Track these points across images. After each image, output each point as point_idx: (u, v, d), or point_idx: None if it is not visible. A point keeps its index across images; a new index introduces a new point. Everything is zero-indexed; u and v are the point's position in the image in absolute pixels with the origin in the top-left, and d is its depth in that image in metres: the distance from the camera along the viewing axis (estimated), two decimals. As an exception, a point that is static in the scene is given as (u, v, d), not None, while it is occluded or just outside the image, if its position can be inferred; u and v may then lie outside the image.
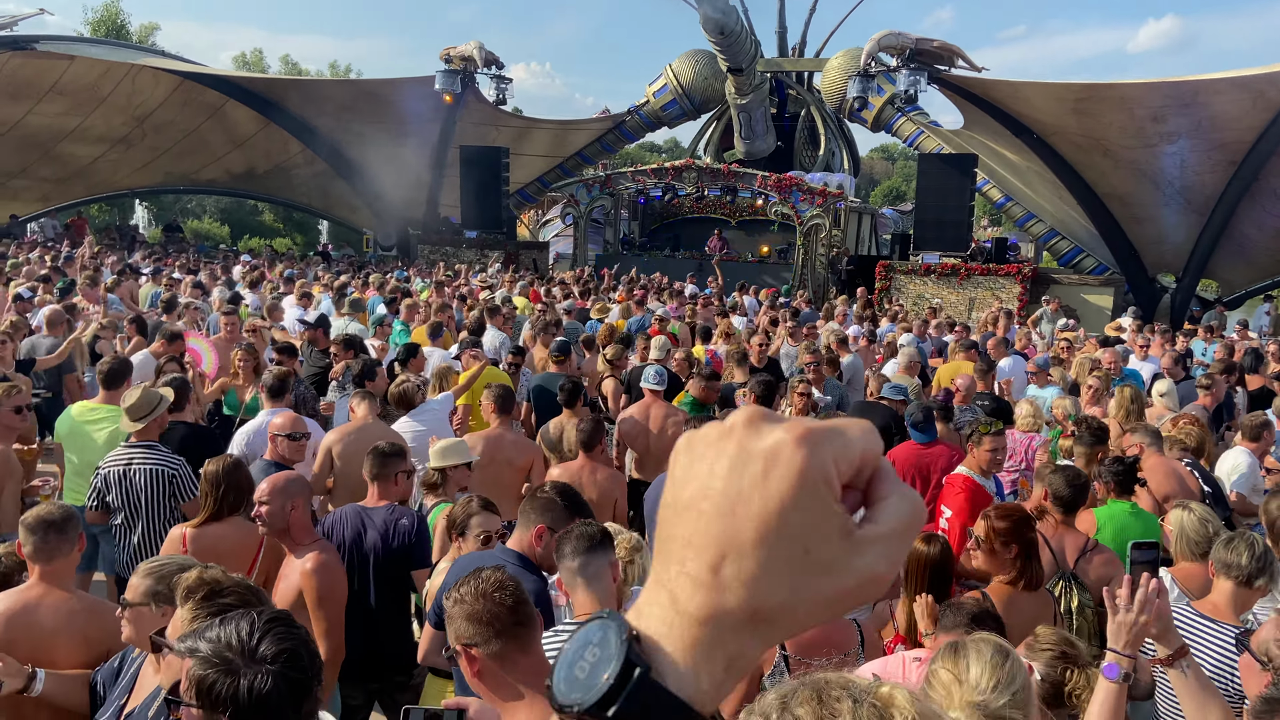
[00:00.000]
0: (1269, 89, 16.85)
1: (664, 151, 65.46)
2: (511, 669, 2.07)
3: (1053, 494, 4.34)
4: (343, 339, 7.97)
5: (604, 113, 30.00)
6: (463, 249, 25.09)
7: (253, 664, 1.74)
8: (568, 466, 5.46)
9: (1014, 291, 20.05)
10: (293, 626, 1.84)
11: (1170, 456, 5.71)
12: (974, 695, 2.00)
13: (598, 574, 2.91)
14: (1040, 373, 8.20)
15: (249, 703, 1.71)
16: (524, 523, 3.48)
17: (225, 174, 29.29)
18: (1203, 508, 4.06)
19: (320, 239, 39.71)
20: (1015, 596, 3.57)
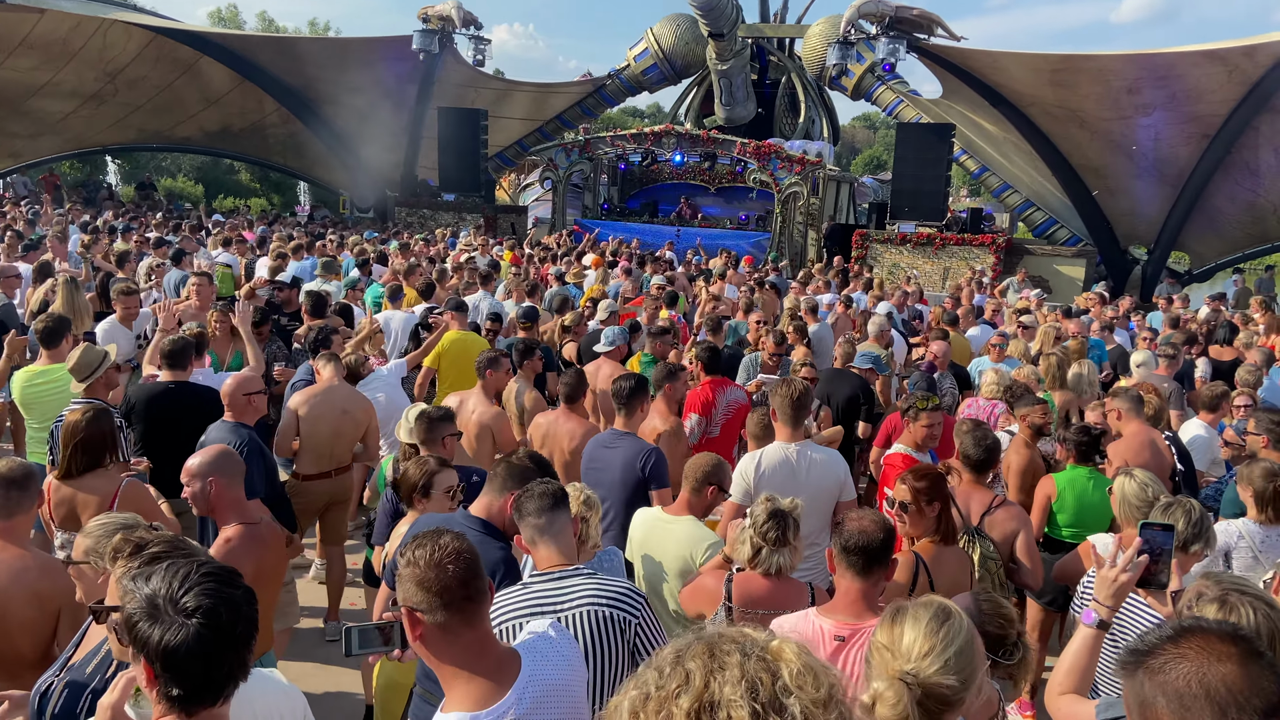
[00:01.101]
0: (1244, 62, 16.94)
1: (645, 116, 65.00)
2: (454, 641, 2.08)
3: (962, 454, 4.47)
4: (310, 300, 7.92)
5: (585, 76, 29.76)
6: (440, 212, 24.93)
7: (173, 615, 1.77)
8: (548, 416, 5.60)
9: (988, 262, 20.17)
10: (227, 584, 1.85)
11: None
12: (904, 665, 2.01)
13: (561, 530, 3.01)
14: (998, 349, 8.22)
15: (158, 653, 1.75)
16: (495, 488, 3.49)
17: (200, 132, 28.85)
18: (1145, 474, 4.18)
19: (299, 199, 39.30)
20: (941, 552, 3.70)
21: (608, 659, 2.83)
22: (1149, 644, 1.51)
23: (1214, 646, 1.45)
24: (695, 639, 1.32)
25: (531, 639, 2.29)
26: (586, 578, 2.91)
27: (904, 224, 20.98)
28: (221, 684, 1.82)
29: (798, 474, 4.71)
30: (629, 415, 5.03)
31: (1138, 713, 1.50)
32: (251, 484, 4.86)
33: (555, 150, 25.18)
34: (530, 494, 3.02)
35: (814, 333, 9.49)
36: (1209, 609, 2.34)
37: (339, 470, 5.88)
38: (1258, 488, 4.30)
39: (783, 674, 1.25)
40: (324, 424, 5.72)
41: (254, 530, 3.64)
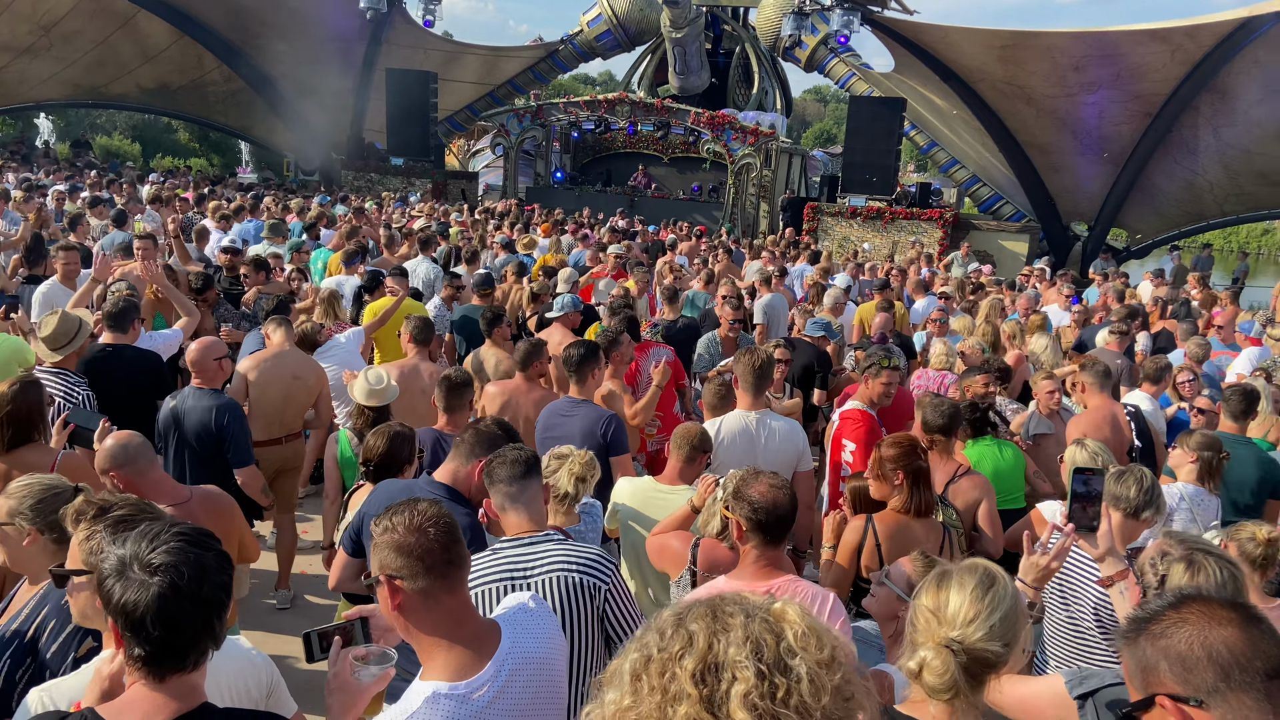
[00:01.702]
0: (1187, 42, 17.27)
1: (597, 84, 64.42)
2: (435, 608, 2.04)
3: (923, 423, 4.54)
4: (253, 260, 7.71)
5: (537, 41, 29.32)
6: (388, 176, 24.46)
7: (138, 573, 1.75)
8: (504, 385, 5.50)
9: (935, 236, 20.43)
10: (196, 544, 1.81)
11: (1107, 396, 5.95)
12: (950, 631, 2.02)
13: (532, 497, 2.98)
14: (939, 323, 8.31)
15: (119, 610, 1.74)
16: (461, 455, 3.46)
17: (137, 89, 27.84)
18: (1096, 444, 4.27)
19: (241, 160, 38.28)
20: (906, 523, 3.75)
21: (578, 626, 2.82)
22: (1150, 611, 1.55)
23: (1215, 612, 1.49)
24: (696, 602, 1.31)
25: (511, 610, 2.26)
26: (557, 544, 2.90)
27: (854, 197, 21.12)
28: (186, 648, 1.78)
29: (757, 442, 4.74)
30: (581, 382, 5.01)
31: (1139, 678, 1.53)
32: (241, 452, 4.80)
33: (507, 116, 24.85)
34: (503, 460, 2.98)
35: (767, 302, 9.56)
36: (1177, 568, 2.41)
37: (290, 437, 5.77)
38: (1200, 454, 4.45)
39: (787, 635, 1.25)
40: (274, 389, 5.60)
41: (184, 509, 3.46)
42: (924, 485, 3.79)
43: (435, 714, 1.97)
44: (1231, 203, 21.40)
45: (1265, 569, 3.39)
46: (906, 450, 3.79)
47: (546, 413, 5.07)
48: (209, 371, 4.83)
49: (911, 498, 3.76)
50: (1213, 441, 4.49)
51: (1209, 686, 1.43)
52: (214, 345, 4.93)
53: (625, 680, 1.27)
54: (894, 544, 3.65)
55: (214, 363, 4.84)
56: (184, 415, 4.76)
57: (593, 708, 1.30)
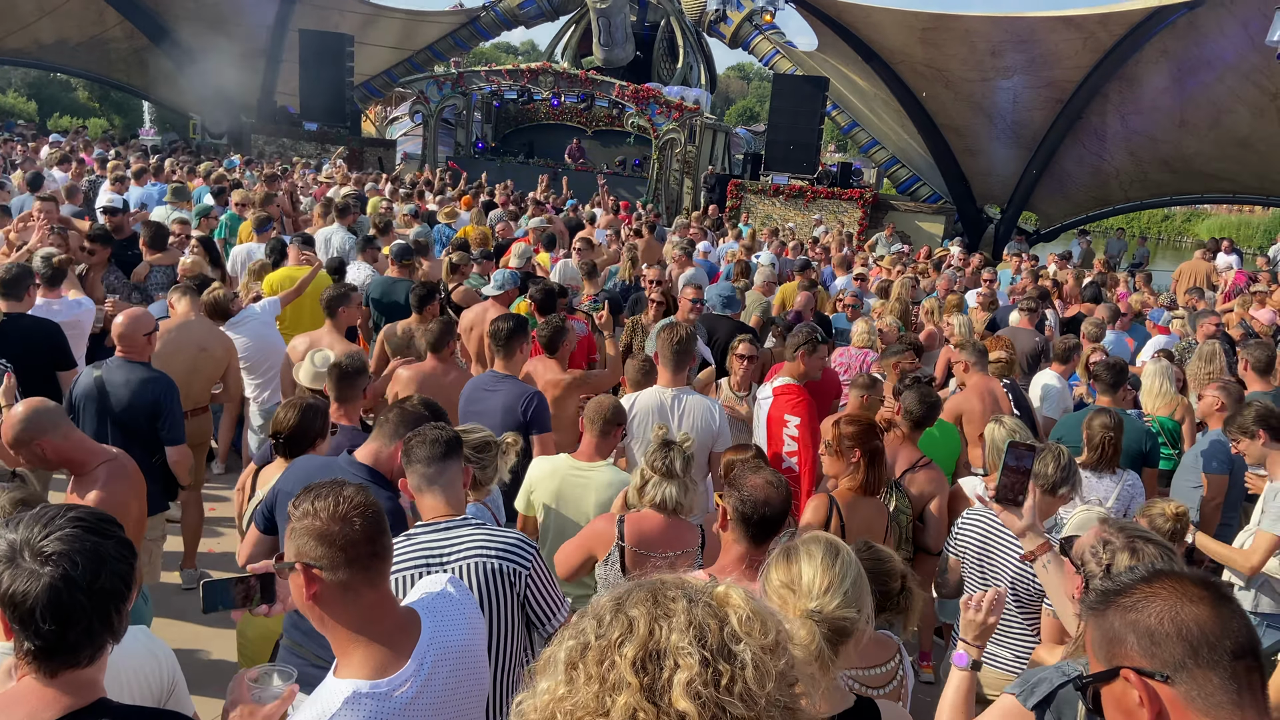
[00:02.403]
0: (1099, 30, 17.77)
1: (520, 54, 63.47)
2: (355, 601, 1.91)
3: (905, 410, 4.54)
4: (149, 230, 7.30)
5: (458, 7, 28.65)
6: (301, 141, 23.67)
7: (28, 561, 1.63)
8: (418, 367, 5.32)
9: (855, 216, 20.73)
10: (94, 532, 1.69)
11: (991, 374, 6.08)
12: (807, 602, 2.02)
13: (451, 480, 2.86)
14: (851, 309, 8.36)
15: (6, 601, 1.62)
16: (384, 435, 3.33)
17: (33, 43, 26.29)
18: (1014, 420, 4.36)
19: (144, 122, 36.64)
20: (856, 500, 3.76)
21: (498, 613, 2.73)
22: (1120, 584, 1.54)
23: (1187, 589, 1.48)
24: (635, 586, 1.25)
25: (430, 598, 2.15)
26: (475, 528, 2.80)
27: (777, 175, 21.27)
28: (79, 643, 1.65)
29: (669, 418, 4.70)
30: (508, 357, 4.90)
31: (1104, 649, 1.51)
32: (175, 429, 4.58)
33: (426, 83, 24.26)
34: (422, 439, 2.85)
35: (691, 276, 9.55)
36: (1122, 557, 2.43)
37: (196, 411, 5.52)
38: (1092, 432, 4.56)
39: (730, 620, 1.20)
40: (179, 361, 5.33)
41: (118, 462, 3.45)
42: (879, 465, 3.81)
43: (356, 714, 1.85)
44: (1136, 189, 22.21)
45: (1176, 542, 3.50)
46: (866, 429, 3.80)
47: (469, 387, 4.95)
48: (137, 346, 4.59)
49: (867, 476, 3.77)
50: (1104, 421, 4.58)
51: (1176, 662, 1.42)
52: (143, 318, 4.68)
53: (560, 669, 1.21)
54: (853, 522, 3.67)
55: (143, 338, 4.61)
56: (112, 388, 4.52)
57: (525, 697, 1.24)
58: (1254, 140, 18.57)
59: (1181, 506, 3.61)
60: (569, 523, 3.91)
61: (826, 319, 8.53)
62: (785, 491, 2.80)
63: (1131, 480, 4.65)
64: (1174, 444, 5.82)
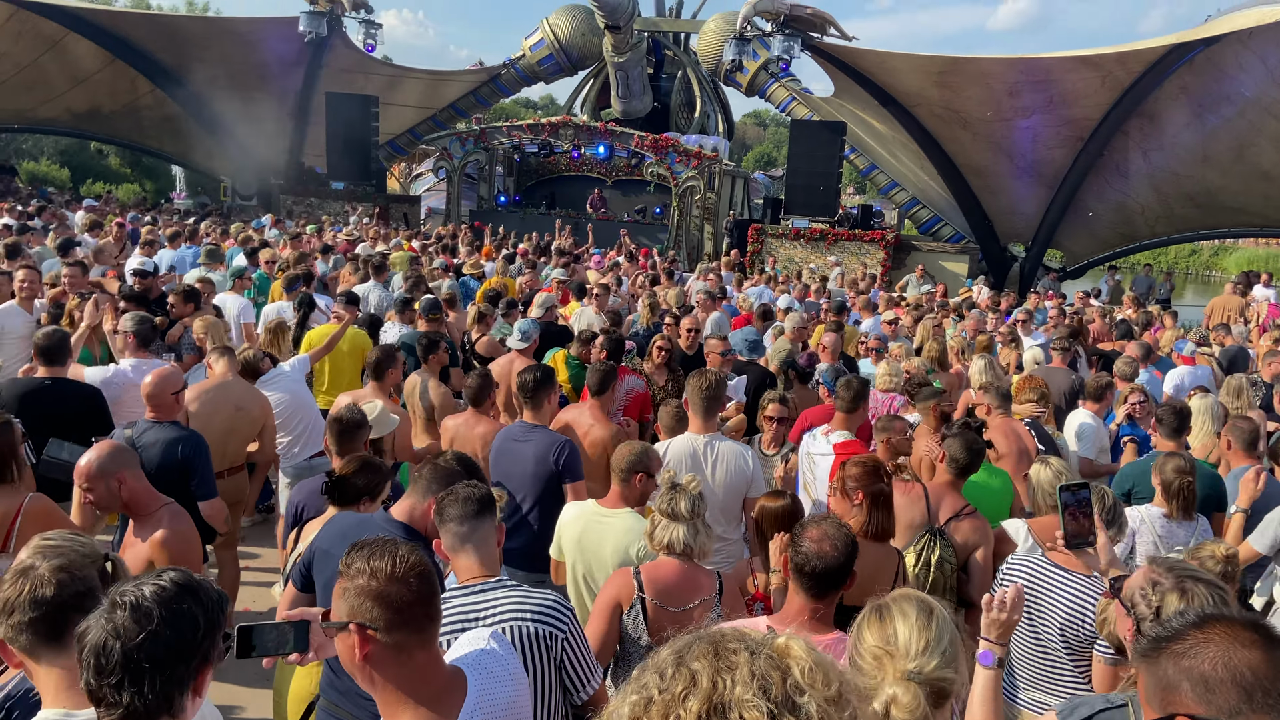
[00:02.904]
0: (1116, 69, 17.82)
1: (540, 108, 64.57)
2: (406, 662, 1.90)
3: (949, 457, 4.41)
4: (183, 290, 7.41)
5: (478, 65, 29.24)
6: (329, 200, 24.10)
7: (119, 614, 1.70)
8: (456, 419, 5.37)
9: (878, 257, 20.75)
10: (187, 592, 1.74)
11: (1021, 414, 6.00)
12: (906, 664, 1.97)
13: (484, 539, 2.84)
14: (875, 353, 8.21)
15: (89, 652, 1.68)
16: (418, 491, 3.33)
17: (66, 113, 27.08)
18: (1060, 462, 4.28)
19: (174, 185, 37.44)
20: (862, 545, 3.69)
21: (536, 677, 2.69)
22: (1172, 630, 1.52)
23: (1238, 633, 1.47)
24: (695, 639, 1.25)
25: (475, 654, 2.12)
26: (510, 590, 2.77)
27: (797, 219, 21.37)
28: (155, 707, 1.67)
29: (703, 465, 4.68)
30: (536, 408, 4.91)
31: (1158, 697, 1.50)
32: (206, 484, 4.64)
33: (449, 139, 24.68)
34: (454, 498, 2.83)
35: (718, 320, 9.61)
36: (1171, 597, 2.38)
37: (232, 470, 5.58)
38: (1166, 480, 4.47)
39: (793, 672, 1.20)
40: (217, 421, 5.40)
41: (178, 509, 3.59)
42: (883, 509, 3.74)
43: None
44: (1162, 224, 22.09)
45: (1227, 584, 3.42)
46: (869, 470, 3.76)
47: (499, 438, 4.96)
48: (165, 405, 4.66)
49: (870, 520, 3.71)
50: (1179, 467, 4.50)
51: (1231, 708, 1.41)
52: (171, 377, 4.76)
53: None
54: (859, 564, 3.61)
55: (171, 396, 4.68)
56: (143, 448, 4.57)
57: None
58: (1278, 174, 18.47)
59: (1231, 548, 3.53)
60: (589, 567, 3.91)
61: (853, 361, 8.48)
62: (845, 543, 2.75)
63: (1204, 526, 4.56)
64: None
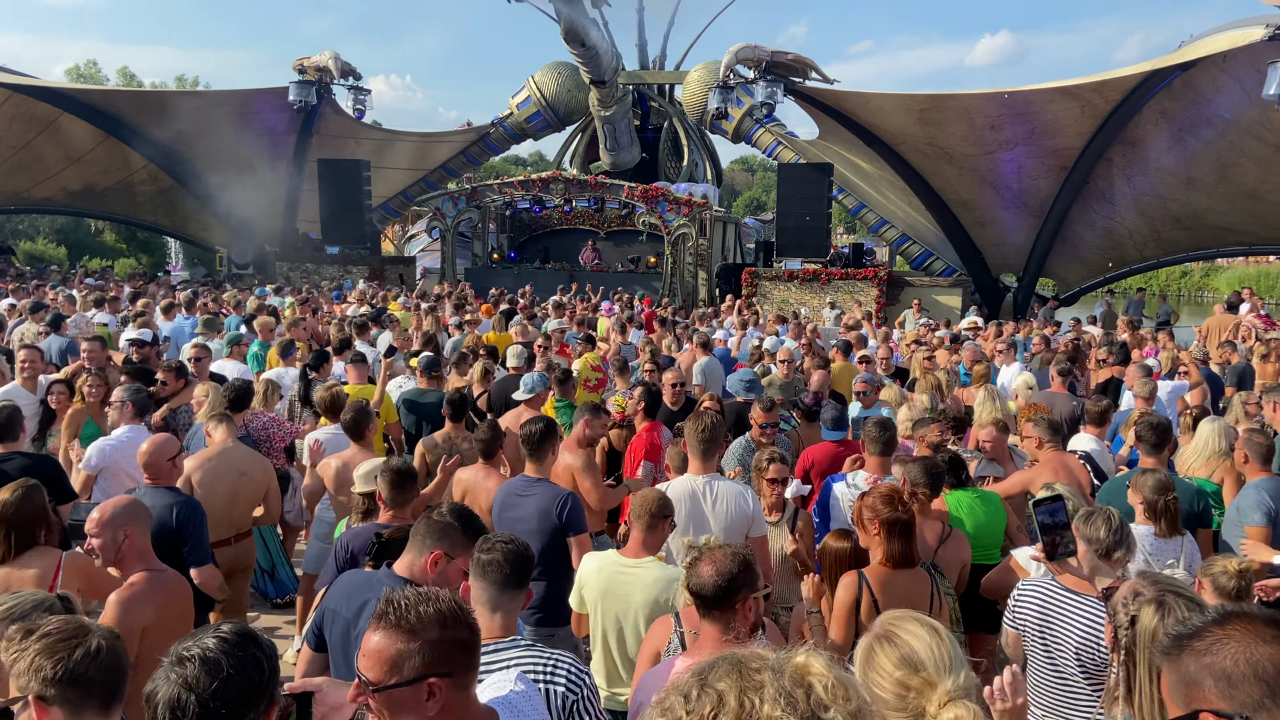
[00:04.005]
0: (1095, 98, 18.09)
1: (529, 164, 65.30)
2: (464, 706, 1.95)
3: (911, 481, 4.50)
4: (173, 366, 7.29)
5: (466, 126, 29.67)
6: (324, 265, 24.29)
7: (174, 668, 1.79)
8: (468, 470, 5.40)
9: (871, 294, 20.88)
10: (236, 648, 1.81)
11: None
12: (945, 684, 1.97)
13: (514, 605, 2.89)
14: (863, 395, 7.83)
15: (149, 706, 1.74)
16: (416, 546, 3.31)
17: (61, 191, 27.40)
18: (1065, 486, 4.29)
19: (169, 259, 37.74)
20: (890, 575, 3.69)
21: None
22: (1193, 628, 1.55)
23: (1259, 629, 1.49)
24: (716, 661, 1.27)
25: (506, 695, 2.14)
26: (524, 649, 2.78)
27: (790, 261, 21.54)
28: None
29: (703, 505, 4.67)
30: (539, 461, 4.92)
31: (1181, 694, 1.52)
32: (200, 551, 4.63)
33: (442, 200, 24.96)
34: (498, 562, 2.86)
35: (705, 364, 9.63)
36: (1147, 610, 2.40)
37: (239, 536, 5.55)
38: (1148, 498, 4.46)
39: (815, 688, 1.23)
40: (220, 487, 5.39)
41: (160, 576, 3.57)
42: (900, 536, 3.74)
43: None
44: (1150, 248, 22.26)
45: (1241, 600, 3.40)
46: (883, 499, 3.77)
47: (503, 492, 4.95)
48: (163, 471, 4.67)
49: (888, 548, 3.71)
50: (1159, 484, 4.51)
51: (1254, 703, 1.43)
52: (167, 443, 4.77)
53: None
54: (887, 596, 3.60)
55: (167, 463, 4.69)
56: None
57: None
58: (1263, 191, 18.65)
59: (1245, 562, 3.51)
60: (617, 620, 3.87)
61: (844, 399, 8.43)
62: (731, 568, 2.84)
63: (1190, 540, 4.56)
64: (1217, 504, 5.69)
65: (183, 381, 7.05)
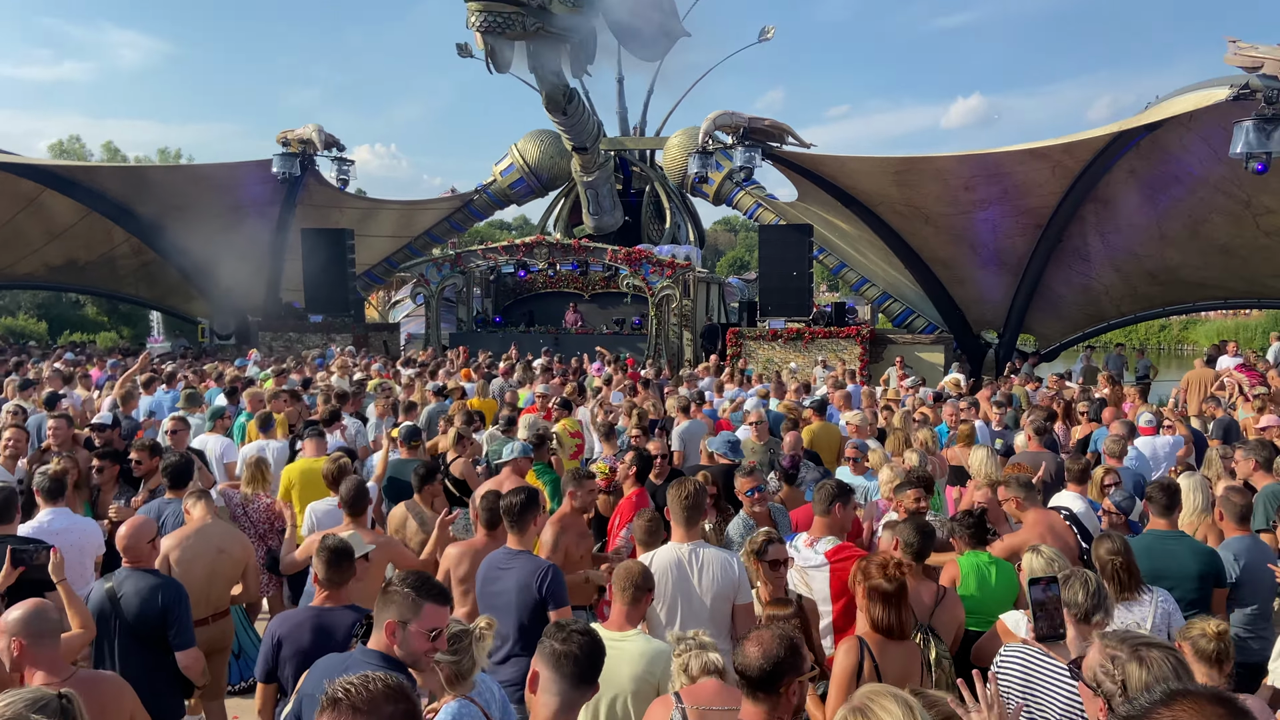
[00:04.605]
0: (1065, 158, 18.46)
1: (514, 228, 65.85)
2: None
3: (903, 542, 4.48)
4: (148, 445, 7.09)
5: (451, 192, 29.96)
6: (307, 334, 24.26)
7: None
8: (469, 544, 5.33)
9: (855, 352, 21.01)
10: None
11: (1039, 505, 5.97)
12: None
13: (584, 697, 2.95)
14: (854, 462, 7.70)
15: None
16: (376, 620, 3.31)
17: (43, 267, 27.37)
18: (1051, 549, 4.29)
19: (151, 330, 37.64)
20: (882, 645, 3.67)
21: None
22: (1140, 708, 1.54)
23: (1205, 708, 1.49)
24: None
25: None
26: None
27: (773, 320, 21.70)
28: None
29: (689, 574, 4.63)
30: (521, 532, 4.88)
31: None
32: (185, 634, 4.59)
33: (426, 265, 25.05)
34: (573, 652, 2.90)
35: (685, 429, 9.59)
36: (1131, 667, 2.39)
37: (217, 615, 5.46)
38: (1101, 562, 4.42)
39: None
40: (198, 567, 5.32)
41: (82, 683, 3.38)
42: (887, 605, 3.72)
43: None
44: (1127, 303, 22.54)
45: (1222, 664, 3.39)
46: (870, 567, 3.78)
47: (485, 566, 4.89)
48: (142, 553, 4.64)
49: (872, 616, 3.71)
50: (1111, 547, 4.49)
51: None
52: (145, 526, 4.75)
53: None
54: (885, 664, 3.58)
55: (146, 545, 4.67)
56: (123, 598, 4.56)
57: None
58: (1235, 247, 18.96)
59: (1223, 625, 3.51)
60: (604, 696, 3.82)
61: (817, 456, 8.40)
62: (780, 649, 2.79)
63: (1164, 597, 4.52)
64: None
65: (157, 460, 6.90)
